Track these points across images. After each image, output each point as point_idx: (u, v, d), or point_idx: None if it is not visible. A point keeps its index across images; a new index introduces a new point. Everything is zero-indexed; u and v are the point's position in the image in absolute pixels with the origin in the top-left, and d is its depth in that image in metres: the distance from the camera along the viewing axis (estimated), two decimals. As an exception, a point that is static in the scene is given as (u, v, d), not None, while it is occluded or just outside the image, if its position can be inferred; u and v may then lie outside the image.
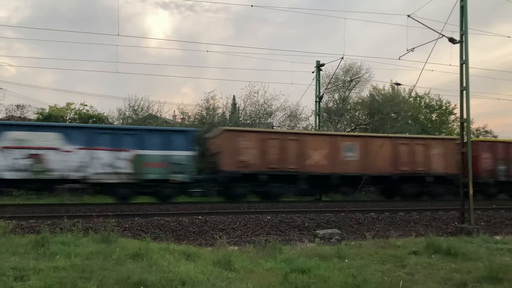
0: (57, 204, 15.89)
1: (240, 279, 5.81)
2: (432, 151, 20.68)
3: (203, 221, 11.84)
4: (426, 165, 20.40)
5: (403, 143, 20.44)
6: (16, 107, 29.51)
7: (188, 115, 29.13)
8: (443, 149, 20.84)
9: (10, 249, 6.60)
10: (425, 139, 21.43)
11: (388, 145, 19.78)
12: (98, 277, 5.23)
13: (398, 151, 20.18)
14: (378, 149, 19.05)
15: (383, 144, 19.28)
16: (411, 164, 20.20)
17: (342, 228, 11.93)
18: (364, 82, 32.67)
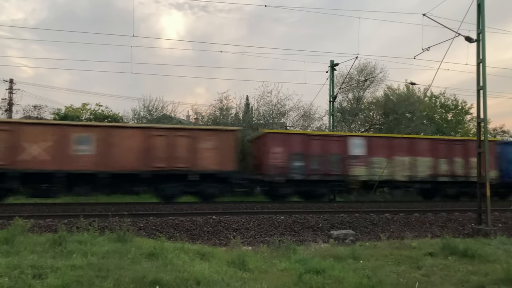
0: (73, 204, 16.12)
1: (255, 279, 5.82)
2: (202, 145, 17.73)
3: (217, 221, 11.88)
4: (191, 161, 17.48)
5: (159, 135, 17.40)
6: (33, 107, 30.07)
7: (201, 115, 29.29)
8: (216, 142, 17.89)
9: (29, 248, 6.71)
10: (191, 130, 18.28)
11: (138, 137, 17.10)
12: (114, 276, 5.28)
13: (152, 144, 17.18)
14: (123, 141, 16.80)
15: (131, 136, 16.98)
16: (169, 159, 17.28)
17: (356, 229, 11.86)
18: (378, 81, 32.50)
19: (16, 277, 5.08)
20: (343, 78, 29.60)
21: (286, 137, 19.08)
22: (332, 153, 19.20)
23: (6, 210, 13.51)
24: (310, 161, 18.78)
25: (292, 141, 18.79)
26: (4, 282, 4.86)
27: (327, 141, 19.38)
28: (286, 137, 19.08)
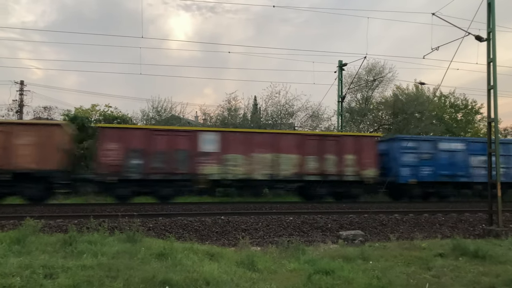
0: (83, 204, 16.23)
1: (264, 279, 5.82)
2: (17, 141, 16.02)
3: (226, 222, 11.90)
4: (3, 159, 15.81)
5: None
6: (43, 108, 30.29)
7: (210, 116, 29.33)
8: (35, 138, 16.16)
9: (40, 248, 6.77)
10: (4, 125, 16.57)
11: None
12: (124, 276, 5.31)
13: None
14: None
15: None
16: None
17: (365, 230, 11.82)
18: (387, 81, 32.30)
19: (27, 276, 5.14)
20: (351, 78, 29.47)
21: (122, 132, 17.36)
22: (179, 149, 17.46)
23: (17, 210, 13.66)
24: (152, 158, 17.13)
25: (130, 137, 17.12)
26: (16, 282, 4.92)
27: (174, 137, 17.60)
28: (122, 132, 17.36)
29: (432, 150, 20.25)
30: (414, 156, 19.94)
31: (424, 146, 20.25)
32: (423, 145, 20.28)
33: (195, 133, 17.98)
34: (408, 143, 20.05)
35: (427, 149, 20.19)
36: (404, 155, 19.82)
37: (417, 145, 20.21)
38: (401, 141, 20.14)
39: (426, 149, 20.18)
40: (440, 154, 20.28)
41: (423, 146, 20.25)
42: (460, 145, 20.79)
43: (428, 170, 20.01)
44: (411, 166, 19.80)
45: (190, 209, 14.52)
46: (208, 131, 18.75)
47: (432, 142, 20.60)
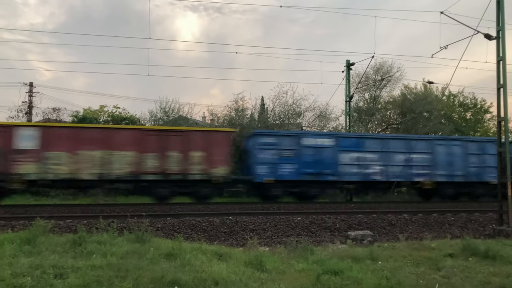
0: (92, 205, 16.34)
1: (273, 280, 5.82)
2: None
3: (234, 222, 11.91)
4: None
5: None
6: (52, 110, 30.52)
7: (217, 116, 29.38)
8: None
9: (50, 248, 6.82)
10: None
11: None
12: (134, 276, 5.33)
13: None
14: None
15: None
16: None
17: (374, 230, 11.77)
18: (395, 81, 32.13)
19: (38, 276, 5.18)
20: (359, 78, 29.37)
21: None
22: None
23: (28, 211, 13.78)
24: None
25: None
26: (27, 282, 4.96)
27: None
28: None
29: (294, 146, 18.87)
30: (273, 153, 18.64)
31: (285, 142, 18.86)
32: (283, 141, 18.89)
33: (10, 128, 16.34)
34: (266, 138, 18.83)
35: (288, 145, 18.83)
36: (261, 152, 18.58)
37: (277, 141, 18.85)
38: (258, 137, 18.90)
39: (287, 145, 18.81)
40: (304, 150, 18.84)
41: (283, 142, 18.87)
42: (328, 141, 19.33)
43: (289, 168, 18.66)
44: (269, 164, 18.52)
45: (198, 210, 14.55)
46: (26, 126, 17.38)
47: (295, 138, 19.15)
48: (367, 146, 19.45)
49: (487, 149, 20.30)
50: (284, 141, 18.93)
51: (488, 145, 20.32)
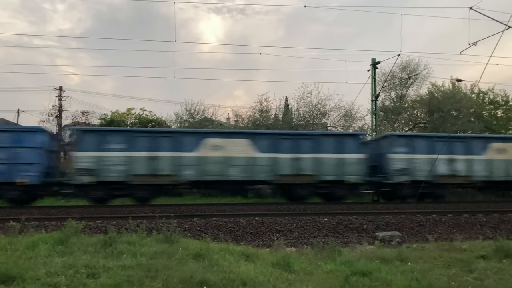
0: (120, 206, 16.64)
1: (300, 280, 5.80)
2: None
3: (260, 222, 11.93)
4: None
5: None
6: (81, 113, 31.27)
7: (241, 117, 29.52)
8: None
9: (82, 248, 6.99)
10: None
11: None
12: (163, 276, 5.41)
13: None
14: None
15: None
16: None
17: (402, 230, 11.58)
18: (422, 79, 31.54)
19: (71, 276, 5.32)
20: (385, 77, 28.98)
21: None
22: None
23: (59, 212, 14.15)
24: None
25: None
26: (61, 281, 5.10)
27: None
28: None
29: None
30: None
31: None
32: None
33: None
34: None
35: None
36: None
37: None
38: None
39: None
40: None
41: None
42: None
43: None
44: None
45: (224, 210, 14.63)
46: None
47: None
48: None
49: None
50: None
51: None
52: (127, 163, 16.98)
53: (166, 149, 17.35)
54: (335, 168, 18.28)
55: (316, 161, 18.19)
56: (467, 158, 19.32)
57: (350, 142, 18.69)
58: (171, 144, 17.44)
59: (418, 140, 19.45)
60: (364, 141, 19.79)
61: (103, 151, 16.88)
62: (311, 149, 18.28)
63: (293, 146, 18.19)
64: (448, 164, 19.11)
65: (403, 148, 18.98)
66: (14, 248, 6.81)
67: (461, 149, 19.41)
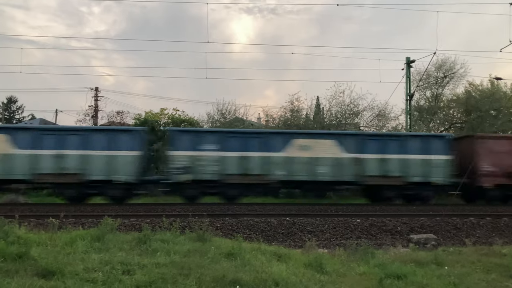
0: (154, 204, 16.93)
1: (333, 282, 5.75)
2: None
3: (291, 223, 11.89)
4: None
5: None
6: (116, 113, 32.02)
7: (272, 117, 29.48)
8: None
9: (117, 245, 7.15)
10: None
11: None
12: (196, 275, 5.48)
13: None
14: None
15: None
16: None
17: (438, 233, 11.31)
18: (459, 77, 30.57)
19: (108, 272, 5.45)
20: (420, 75, 28.30)
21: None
22: None
23: (95, 209, 14.53)
24: None
25: None
26: (99, 277, 5.24)
27: None
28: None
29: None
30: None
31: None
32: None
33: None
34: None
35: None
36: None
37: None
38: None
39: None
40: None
41: None
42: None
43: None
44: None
45: (255, 210, 14.64)
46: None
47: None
48: None
49: None
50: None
51: None
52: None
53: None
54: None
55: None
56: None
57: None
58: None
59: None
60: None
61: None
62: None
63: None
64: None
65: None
66: (54, 243, 7.03)
67: None
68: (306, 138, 18.25)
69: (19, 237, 7.01)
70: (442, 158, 18.24)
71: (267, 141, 17.88)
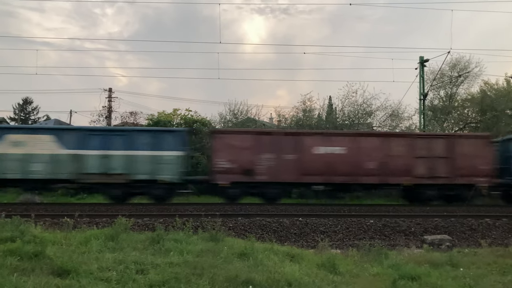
0: (167, 204, 17.03)
1: (346, 283, 5.72)
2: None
3: (304, 223, 11.85)
4: None
5: None
6: (129, 114, 32.20)
7: (284, 117, 29.41)
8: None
9: (131, 244, 7.20)
10: None
11: None
12: (209, 274, 5.48)
13: None
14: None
15: None
16: None
17: (452, 234, 11.17)
18: (473, 77, 30.19)
19: (122, 271, 5.50)
20: (434, 75, 28.00)
21: None
22: None
23: (109, 209, 14.67)
24: None
25: None
26: (113, 276, 5.28)
27: None
28: None
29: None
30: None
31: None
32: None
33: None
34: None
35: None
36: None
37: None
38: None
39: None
40: None
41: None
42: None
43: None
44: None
45: (268, 210, 14.64)
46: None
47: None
48: None
49: None
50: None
51: None
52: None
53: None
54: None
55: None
56: None
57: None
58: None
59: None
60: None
61: None
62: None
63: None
64: None
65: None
66: (69, 243, 7.12)
67: None
68: (20, 133, 17.60)
69: (35, 236, 7.11)
70: (173, 154, 17.59)
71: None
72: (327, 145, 17.89)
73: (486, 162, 18.00)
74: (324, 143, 17.90)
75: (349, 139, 18.17)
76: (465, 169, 17.86)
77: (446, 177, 17.93)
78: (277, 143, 17.79)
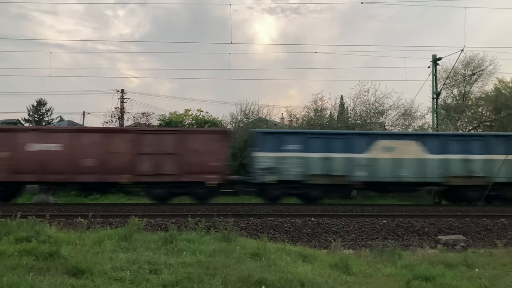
0: (179, 204, 17.10)
1: (359, 283, 5.69)
2: None
3: (316, 223, 11.81)
4: None
5: None
6: (141, 114, 32.41)
7: (296, 117, 29.34)
8: None
9: (144, 245, 7.25)
10: None
11: None
12: (222, 274, 5.50)
13: None
14: None
15: None
16: None
17: (467, 234, 11.03)
18: (487, 75, 29.84)
19: (135, 271, 5.54)
20: (447, 73, 27.70)
21: None
22: None
23: (122, 209, 14.78)
24: None
25: None
26: (126, 276, 5.33)
27: None
28: None
29: None
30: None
31: None
32: None
33: None
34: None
35: None
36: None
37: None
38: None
39: None
40: None
41: None
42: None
43: None
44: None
45: (280, 210, 14.62)
46: None
47: None
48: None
49: None
50: None
51: None
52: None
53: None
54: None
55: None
56: None
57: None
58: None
59: None
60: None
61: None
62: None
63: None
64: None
65: None
66: (83, 243, 7.19)
67: None
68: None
69: (49, 236, 7.20)
70: None
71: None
72: (42, 142, 16.88)
73: (217, 159, 17.46)
74: (40, 140, 16.90)
75: (68, 135, 17.31)
76: (194, 166, 17.18)
77: (173, 175, 17.17)
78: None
